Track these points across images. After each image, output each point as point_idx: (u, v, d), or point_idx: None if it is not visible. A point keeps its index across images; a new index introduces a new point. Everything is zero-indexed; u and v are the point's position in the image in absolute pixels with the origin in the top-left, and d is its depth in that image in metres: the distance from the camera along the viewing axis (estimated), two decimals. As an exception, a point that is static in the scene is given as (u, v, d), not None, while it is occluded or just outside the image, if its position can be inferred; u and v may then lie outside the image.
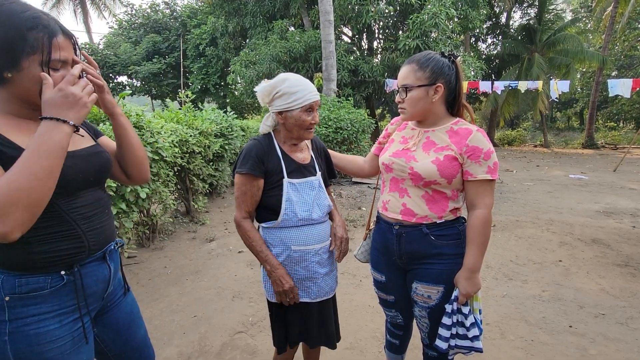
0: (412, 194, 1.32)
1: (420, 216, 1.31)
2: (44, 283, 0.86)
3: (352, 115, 6.69)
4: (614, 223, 4.63)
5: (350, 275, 3.12)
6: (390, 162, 1.36)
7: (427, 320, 1.39)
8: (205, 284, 3.01)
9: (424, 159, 1.27)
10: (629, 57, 20.44)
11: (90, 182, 0.95)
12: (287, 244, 1.37)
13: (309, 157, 1.46)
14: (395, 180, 1.38)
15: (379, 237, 1.47)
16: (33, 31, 0.79)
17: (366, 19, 10.43)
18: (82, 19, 23.00)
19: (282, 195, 1.34)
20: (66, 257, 0.88)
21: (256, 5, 13.49)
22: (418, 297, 1.39)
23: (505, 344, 2.18)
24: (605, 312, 2.52)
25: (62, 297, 0.89)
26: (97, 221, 0.96)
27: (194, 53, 17.20)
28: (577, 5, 23.38)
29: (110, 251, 1.02)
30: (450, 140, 1.27)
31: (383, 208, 1.43)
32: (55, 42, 0.82)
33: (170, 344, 2.20)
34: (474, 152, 1.23)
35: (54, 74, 0.84)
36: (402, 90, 1.29)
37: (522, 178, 8.42)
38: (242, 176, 1.33)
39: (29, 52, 0.80)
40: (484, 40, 20.21)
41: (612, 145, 16.73)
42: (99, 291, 0.99)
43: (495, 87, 10.36)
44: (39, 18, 0.81)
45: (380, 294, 1.57)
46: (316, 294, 1.43)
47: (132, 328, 1.14)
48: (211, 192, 5.86)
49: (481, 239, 1.25)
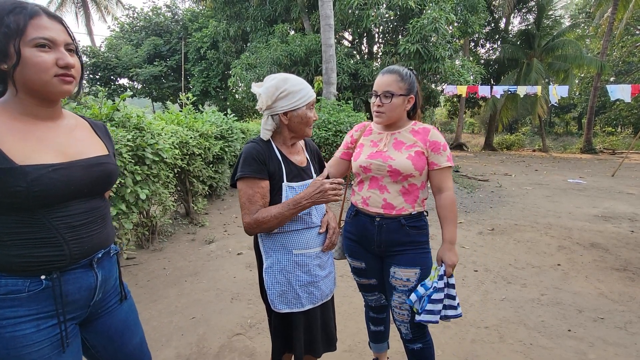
0: (391, 189, 1.50)
1: (399, 208, 1.49)
2: (22, 286, 0.84)
3: (352, 118, 6.72)
4: (612, 227, 4.64)
5: (350, 278, 3.12)
6: (368, 163, 1.51)
7: (408, 305, 1.52)
8: (204, 286, 3.00)
9: (399, 157, 1.47)
10: (627, 63, 20.57)
11: (84, 193, 0.93)
12: (288, 248, 1.36)
13: (305, 160, 1.47)
14: (374, 178, 1.53)
15: (357, 229, 1.61)
16: (11, 14, 0.79)
17: (366, 23, 10.49)
18: (84, 21, 23.11)
19: (282, 200, 1.33)
20: (44, 263, 0.86)
21: (257, 10, 13.58)
22: (397, 281, 1.53)
23: (504, 347, 2.17)
24: (604, 316, 2.52)
25: (41, 302, 0.87)
26: (85, 230, 0.93)
27: (195, 56, 17.26)
28: (575, 11, 23.55)
29: (99, 259, 0.99)
30: (415, 138, 1.50)
31: (363, 203, 1.57)
32: (34, 21, 0.81)
33: (168, 346, 2.19)
34: (435, 145, 1.48)
35: (41, 54, 0.82)
36: (383, 96, 1.47)
37: (521, 182, 8.44)
38: (246, 180, 1.28)
39: (9, 35, 0.79)
40: (483, 45, 20.34)
41: (610, 150, 16.81)
42: (82, 299, 0.96)
43: (494, 92, 10.42)
44: (17, 3, 0.81)
45: (362, 280, 1.69)
46: (319, 298, 1.43)
47: (125, 335, 1.10)
48: (211, 194, 5.87)
49: (452, 215, 1.49)
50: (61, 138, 0.92)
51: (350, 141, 1.69)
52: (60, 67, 0.84)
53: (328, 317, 1.50)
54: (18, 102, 0.86)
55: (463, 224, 4.83)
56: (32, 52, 0.81)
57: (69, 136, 0.94)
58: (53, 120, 0.93)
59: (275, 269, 1.38)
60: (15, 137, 0.83)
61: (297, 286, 1.37)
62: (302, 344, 1.41)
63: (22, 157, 0.81)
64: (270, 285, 1.38)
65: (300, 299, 1.38)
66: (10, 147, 0.81)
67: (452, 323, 2.41)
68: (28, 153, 0.83)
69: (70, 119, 0.99)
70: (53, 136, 0.90)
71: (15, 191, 0.79)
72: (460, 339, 2.26)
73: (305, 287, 1.39)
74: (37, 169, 0.82)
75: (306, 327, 1.42)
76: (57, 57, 0.84)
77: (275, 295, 1.38)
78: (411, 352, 1.59)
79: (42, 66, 0.82)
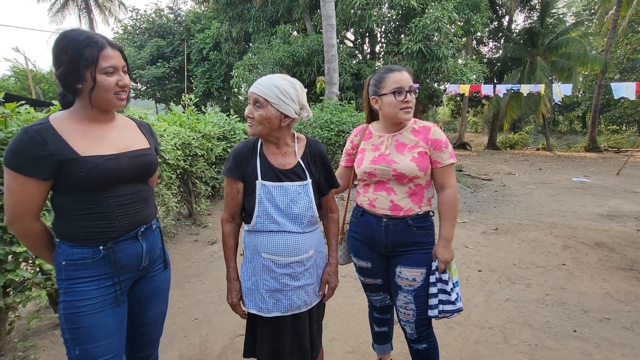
0: (398, 191, 1.50)
1: (406, 209, 1.49)
2: (87, 254, 1.11)
3: (354, 118, 6.70)
4: (617, 226, 4.59)
5: (352, 279, 3.11)
6: (372, 169, 1.51)
7: (414, 305, 1.52)
8: (206, 287, 3.00)
9: (402, 160, 1.46)
10: (631, 60, 20.40)
11: (132, 178, 1.17)
12: (258, 249, 1.33)
13: (294, 163, 1.37)
14: (381, 182, 1.53)
15: (363, 230, 1.60)
16: (87, 48, 1.05)
17: (369, 23, 10.48)
18: (87, 24, 23.23)
19: (256, 197, 1.31)
20: (101, 233, 1.12)
21: (259, 11, 13.61)
22: (403, 281, 1.52)
23: (509, 348, 2.16)
24: (610, 316, 2.50)
25: (101, 267, 1.13)
26: (131, 208, 1.17)
27: (197, 57, 17.32)
28: (579, 8, 23.38)
29: (143, 232, 1.22)
30: (416, 138, 1.49)
31: (370, 205, 1.56)
32: (103, 53, 1.07)
33: (171, 347, 2.19)
34: (437, 143, 1.47)
35: (108, 78, 1.08)
36: (413, 91, 1.48)
37: (525, 181, 8.38)
38: (226, 178, 1.37)
39: (86, 65, 1.05)
40: (486, 44, 20.24)
41: (614, 149, 16.66)
42: (132, 264, 1.20)
43: (497, 91, 10.36)
44: (91, 37, 1.07)
45: (367, 280, 1.69)
46: (287, 307, 1.34)
47: (151, 302, 1.31)
48: (213, 194, 5.87)
49: (453, 214, 1.50)
50: (113, 135, 1.17)
51: (350, 147, 1.68)
52: (119, 87, 1.11)
53: (302, 329, 1.40)
54: (83, 111, 1.12)
55: (467, 223, 4.81)
56: (102, 77, 1.08)
57: (119, 134, 1.19)
58: (107, 122, 1.18)
59: (247, 265, 1.39)
60: (79, 135, 1.08)
61: (264, 290, 1.33)
62: (265, 350, 1.36)
63: (84, 150, 1.07)
64: (242, 280, 1.40)
65: (267, 303, 1.34)
66: (75, 143, 1.06)
67: (456, 324, 2.40)
68: (88, 147, 1.08)
69: (121, 120, 1.25)
70: (107, 134, 1.15)
71: (79, 176, 1.04)
72: (464, 339, 2.25)
73: (272, 292, 1.33)
74: (94, 159, 1.07)
75: (273, 335, 1.36)
76: (118, 79, 1.11)
77: (245, 293, 1.39)
78: (416, 352, 1.59)
79: (108, 87, 1.09)
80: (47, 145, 1.01)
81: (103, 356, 1.12)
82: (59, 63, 1.06)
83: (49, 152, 1.01)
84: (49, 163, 1.01)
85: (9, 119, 1.84)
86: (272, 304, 1.34)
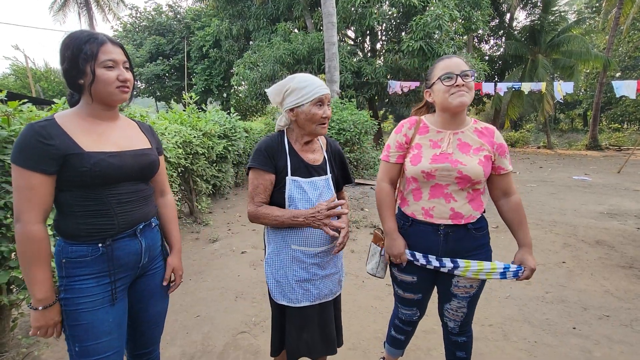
0: (458, 197, 1.37)
1: (467, 217, 1.38)
2: (86, 252, 1.12)
3: (355, 116, 6.70)
4: (618, 225, 4.60)
5: (353, 276, 3.12)
6: (432, 169, 1.34)
7: (466, 309, 1.47)
8: (208, 284, 3.02)
9: (470, 162, 1.33)
10: (633, 58, 20.32)
11: (133, 176, 1.19)
12: (287, 242, 1.38)
13: (321, 159, 1.46)
14: (438, 186, 1.37)
15: (415, 241, 1.46)
16: (87, 44, 1.09)
17: (369, 20, 10.45)
18: (87, 22, 23.18)
19: (286, 192, 1.35)
20: (100, 230, 1.13)
21: (260, 8, 13.57)
22: (459, 289, 1.45)
23: (508, 345, 2.17)
24: (610, 313, 2.51)
25: (99, 264, 1.14)
26: (130, 206, 1.19)
27: (197, 55, 17.29)
28: (581, 6, 23.27)
29: (141, 229, 1.23)
30: (481, 140, 1.37)
31: (426, 215, 1.41)
32: (102, 48, 1.10)
33: (173, 344, 2.21)
34: (502, 148, 1.38)
35: (108, 72, 1.11)
36: (463, 75, 1.30)
37: (526, 179, 8.38)
38: (254, 171, 1.38)
39: (86, 59, 1.08)
40: (487, 42, 20.16)
41: (616, 147, 16.63)
42: (131, 262, 1.21)
43: (498, 89, 10.34)
44: (92, 34, 1.11)
45: (406, 294, 1.57)
46: (316, 297, 1.41)
47: (152, 299, 1.32)
48: (214, 193, 5.89)
49: (525, 218, 1.45)
50: (116, 134, 1.19)
51: (405, 141, 1.46)
52: (120, 81, 1.13)
53: (328, 318, 1.47)
54: (87, 107, 1.15)
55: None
56: (102, 71, 1.10)
57: (122, 133, 1.22)
58: (111, 120, 1.21)
59: (275, 259, 1.42)
60: (83, 132, 1.12)
61: (293, 281, 1.39)
62: (295, 340, 1.41)
63: (87, 146, 1.09)
64: (269, 274, 1.43)
65: (296, 293, 1.39)
66: (80, 139, 1.09)
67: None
68: (92, 143, 1.11)
69: (124, 120, 1.29)
70: (110, 132, 1.18)
71: (82, 171, 1.07)
72: (464, 337, 2.26)
73: (301, 282, 1.39)
74: (97, 155, 1.09)
75: (301, 325, 1.41)
76: (118, 73, 1.12)
77: (273, 285, 1.42)
78: (454, 343, 1.58)
79: (109, 81, 1.11)
80: (52, 139, 1.04)
81: (103, 353, 1.13)
82: (63, 60, 1.10)
83: (53, 146, 1.04)
84: (53, 157, 1.04)
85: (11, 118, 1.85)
86: (301, 294, 1.40)
